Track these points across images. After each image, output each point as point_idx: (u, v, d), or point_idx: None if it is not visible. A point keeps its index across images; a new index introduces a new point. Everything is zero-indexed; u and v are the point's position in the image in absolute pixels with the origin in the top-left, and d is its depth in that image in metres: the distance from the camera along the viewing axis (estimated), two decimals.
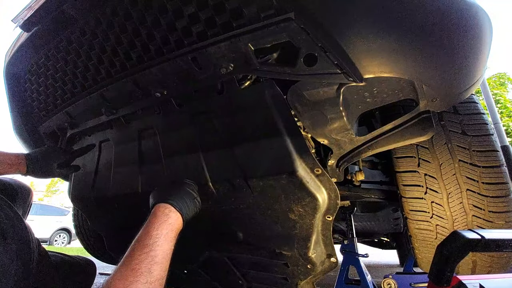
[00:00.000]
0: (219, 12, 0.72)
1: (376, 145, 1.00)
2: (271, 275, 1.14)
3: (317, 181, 0.87)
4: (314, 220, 0.90)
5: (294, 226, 0.94)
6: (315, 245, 0.96)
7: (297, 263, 1.02)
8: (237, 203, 0.97)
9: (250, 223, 1.01)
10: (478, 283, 0.50)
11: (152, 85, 0.91)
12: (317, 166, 0.85)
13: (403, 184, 1.12)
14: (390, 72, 0.70)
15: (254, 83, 0.88)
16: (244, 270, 1.21)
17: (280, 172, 0.84)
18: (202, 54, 0.77)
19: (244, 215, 0.99)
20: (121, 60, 0.91)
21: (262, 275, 1.18)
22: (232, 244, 1.10)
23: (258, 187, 0.89)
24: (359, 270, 1.57)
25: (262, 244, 1.04)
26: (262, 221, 0.98)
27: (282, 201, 0.90)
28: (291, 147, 0.83)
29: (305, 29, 0.66)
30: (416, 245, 1.19)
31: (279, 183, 0.86)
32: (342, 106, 0.81)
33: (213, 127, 0.93)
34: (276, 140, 0.85)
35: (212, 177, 0.94)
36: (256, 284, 1.25)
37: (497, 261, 1.07)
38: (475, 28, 0.73)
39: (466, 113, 1.10)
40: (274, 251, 1.03)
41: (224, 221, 1.05)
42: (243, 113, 0.89)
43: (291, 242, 0.97)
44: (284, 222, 0.94)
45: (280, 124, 0.84)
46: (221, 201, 0.98)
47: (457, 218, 1.06)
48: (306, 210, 0.89)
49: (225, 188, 0.94)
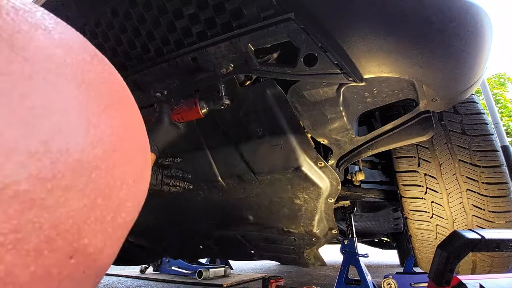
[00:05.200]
0: (219, 12, 0.72)
1: (376, 145, 1.00)
2: (279, 246, 1.28)
3: (320, 172, 0.94)
4: (318, 203, 1.00)
5: (300, 209, 1.04)
6: (318, 222, 1.08)
7: (303, 237, 1.15)
8: (247, 194, 1.06)
9: (259, 208, 1.11)
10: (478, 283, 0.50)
11: (152, 85, 0.91)
12: (320, 159, 0.91)
13: (403, 184, 1.12)
14: (390, 72, 0.70)
15: (255, 83, 0.89)
16: (254, 243, 1.34)
17: (286, 168, 0.91)
18: (202, 54, 0.77)
19: (253, 202, 1.09)
20: (121, 60, 0.91)
21: (271, 247, 1.32)
22: (243, 225, 1.22)
23: (266, 180, 0.98)
24: (359, 270, 1.57)
25: (271, 224, 1.16)
26: (270, 206, 1.08)
27: (289, 190, 0.99)
28: (295, 143, 0.89)
29: (305, 29, 0.66)
30: (416, 245, 1.19)
31: (285, 177, 0.94)
32: (342, 106, 0.81)
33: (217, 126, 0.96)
34: (280, 138, 0.89)
35: (220, 173, 1.03)
36: (266, 253, 1.41)
37: (497, 261, 1.07)
38: (475, 28, 0.73)
39: (466, 113, 1.10)
40: (282, 229, 1.16)
41: (235, 207, 1.16)
42: (245, 112, 0.90)
43: (297, 222, 1.09)
44: (291, 206, 1.04)
45: (283, 121, 0.88)
46: (231, 192, 1.07)
47: (457, 218, 1.06)
48: (311, 196, 0.98)
49: (235, 181, 1.03)
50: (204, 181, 1.07)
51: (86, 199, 0.18)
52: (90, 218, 0.19)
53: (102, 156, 0.19)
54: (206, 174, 1.04)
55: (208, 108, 0.80)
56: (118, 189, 0.21)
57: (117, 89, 0.23)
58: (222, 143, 0.99)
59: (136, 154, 0.23)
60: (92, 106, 0.20)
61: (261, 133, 0.91)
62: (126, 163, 0.22)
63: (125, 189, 0.21)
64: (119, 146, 0.21)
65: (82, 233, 0.19)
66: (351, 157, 1.01)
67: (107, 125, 0.20)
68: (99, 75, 0.22)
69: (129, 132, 0.23)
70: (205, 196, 1.14)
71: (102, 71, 0.22)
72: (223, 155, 1.00)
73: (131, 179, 0.22)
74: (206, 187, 1.10)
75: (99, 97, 0.20)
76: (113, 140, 0.20)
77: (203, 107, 0.79)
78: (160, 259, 2.91)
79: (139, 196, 0.24)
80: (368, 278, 1.54)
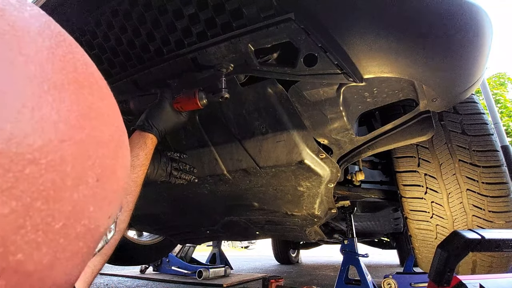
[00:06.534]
0: (219, 12, 0.72)
1: (376, 145, 1.00)
2: (283, 226, 1.39)
3: (322, 163, 0.97)
4: (319, 189, 1.06)
5: (303, 195, 1.11)
6: (319, 205, 1.16)
7: (305, 218, 1.24)
8: (252, 184, 1.11)
9: (264, 196, 1.18)
10: (478, 283, 0.50)
11: (152, 85, 0.91)
12: (321, 151, 0.94)
13: (403, 184, 1.12)
14: (390, 72, 0.70)
15: (256, 81, 0.89)
16: (259, 225, 1.44)
17: (290, 162, 0.94)
18: (202, 54, 0.77)
19: (258, 191, 1.16)
20: (121, 60, 0.91)
21: (276, 227, 1.43)
22: (249, 211, 1.30)
23: (270, 172, 1.02)
24: (359, 270, 1.57)
25: (275, 209, 1.24)
26: (275, 194, 1.15)
27: (292, 180, 1.03)
28: (297, 138, 0.92)
29: (305, 29, 0.66)
30: (416, 245, 1.19)
31: (289, 169, 0.98)
32: (342, 106, 0.81)
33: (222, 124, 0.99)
34: (283, 134, 0.93)
35: (226, 167, 1.08)
36: (271, 233, 1.53)
37: (497, 261, 1.07)
38: (475, 28, 0.73)
39: (466, 113, 1.10)
40: (286, 213, 1.24)
41: (240, 196, 1.22)
42: (248, 110, 0.92)
43: (300, 206, 1.17)
44: (294, 193, 1.11)
45: (285, 118, 0.90)
46: (237, 184, 1.13)
47: (457, 218, 1.06)
48: (313, 184, 1.03)
49: (240, 175, 1.07)
50: (211, 175, 1.11)
51: (14, 202, 0.14)
52: (24, 228, 0.15)
53: (41, 148, 0.15)
54: (212, 169, 1.08)
55: (207, 99, 0.80)
56: (70, 190, 0.17)
57: (76, 67, 0.19)
58: (227, 140, 1.02)
59: (102, 147, 0.19)
60: (30, 84, 0.16)
61: (265, 130, 0.95)
62: (83, 158, 0.17)
63: (84, 190, 0.17)
64: (72, 136, 0.17)
65: (11, 246, 0.14)
66: (351, 157, 1.02)
67: (52, 108, 0.16)
68: (47, 49, 0.17)
69: (91, 119, 0.18)
70: (211, 188, 1.19)
71: (55, 45, 0.18)
72: (229, 152, 1.04)
73: (92, 178, 0.18)
74: (213, 180, 1.13)
75: (43, 74, 0.16)
76: (60, 128, 0.16)
77: (202, 98, 0.79)
78: (160, 259, 2.91)
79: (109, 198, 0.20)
80: (368, 278, 1.54)
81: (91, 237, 0.19)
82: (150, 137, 0.77)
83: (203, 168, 1.09)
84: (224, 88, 0.77)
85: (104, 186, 0.19)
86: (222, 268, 2.79)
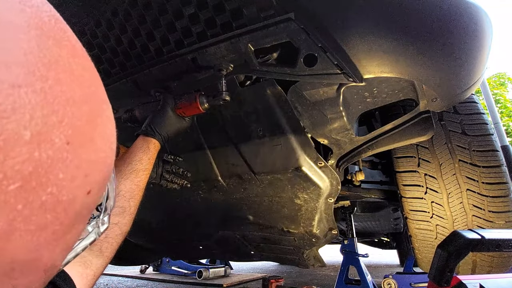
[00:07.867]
0: (219, 12, 0.72)
1: (376, 145, 1.00)
2: (279, 247, 1.28)
3: (320, 172, 0.93)
4: (318, 203, 1.00)
5: (300, 209, 1.03)
6: (318, 222, 1.07)
7: (303, 237, 1.14)
8: (247, 193, 1.06)
9: (259, 208, 1.11)
10: (478, 283, 0.50)
11: (152, 85, 0.91)
12: (320, 159, 0.90)
13: (403, 184, 1.12)
14: (390, 72, 0.70)
15: (255, 83, 0.89)
16: (255, 244, 1.34)
17: (286, 168, 0.91)
18: (202, 54, 0.77)
19: (253, 202, 1.09)
20: (121, 60, 0.91)
21: (271, 247, 1.32)
22: (243, 225, 1.22)
23: (266, 180, 0.98)
24: (359, 270, 1.57)
25: (271, 224, 1.16)
26: (270, 206, 1.08)
27: (289, 190, 0.99)
28: (295, 143, 0.89)
29: (305, 29, 0.66)
30: (416, 245, 1.19)
31: (286, 177, 0.94)
32: (342, 106, 0.81)
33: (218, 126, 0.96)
34: (281, 138, 0.89)
35: (221, 173, 1.04)
36: (265, 254, 1.40)
37: (497, 261, 1.07)
38: (475, 28, 0.73)
39: (466, 113, 1.10)
40: (282, 229, 1.16)
41: (235, 207, 1.16)
42: (246, 112, 0.91)
43: (297, 222, 1.09)
44: (291, 206, 1.04)
45: (283, 121, 0.87)
46: (231, 192, 1.08)
47: (457, 218, 1.06)
48: (311, 196, 0.98)
49: (235, 181, 1.03)
50: (205, 181, 1.07)
51: None
52: None
53: None
54: (206, 174, 1.04)
55: (208, 103, 0.80)
56: (28, 145, 0.14)
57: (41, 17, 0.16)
58: (222, 143, 0.99)
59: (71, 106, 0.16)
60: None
61: (262, 133, 0.91)
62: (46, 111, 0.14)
63: (47, 150, 0.14)
64: (30, 83, 0.14)
65: None
66: (351, 157, 1.01)
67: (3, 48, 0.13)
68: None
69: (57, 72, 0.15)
70: (205, 196, 1.14)
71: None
72: (224, 155, 1.00)
73: (59, 139, 0.15)
74: (206, 187, 1.10)
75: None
76: (14, 70, 0.13)
77: (203, 103, 0.79)
78: (160, 259, 2.91)
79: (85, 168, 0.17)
80: (368, 278, 1.54)
81: (63, 211, 0.16)
82: (153, 142, 0.78)
83: (197, 171, 1.05)
84: (224, 90, 0.77)
85: (76, 151, 0.16)
86: (222, 268, 2.79)
